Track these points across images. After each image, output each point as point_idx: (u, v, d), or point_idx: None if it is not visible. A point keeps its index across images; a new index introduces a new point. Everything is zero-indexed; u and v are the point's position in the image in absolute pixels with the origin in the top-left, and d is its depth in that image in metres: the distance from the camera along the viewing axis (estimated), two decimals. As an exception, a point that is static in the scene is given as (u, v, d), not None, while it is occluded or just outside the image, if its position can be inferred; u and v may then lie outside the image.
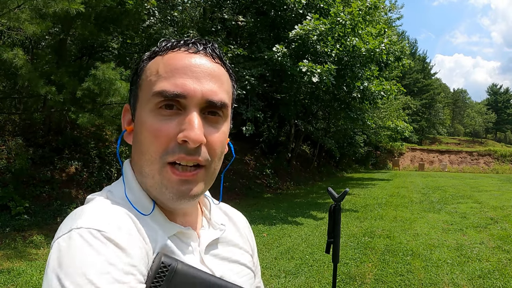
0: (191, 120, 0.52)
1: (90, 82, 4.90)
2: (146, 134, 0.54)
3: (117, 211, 0.52)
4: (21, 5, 3.93)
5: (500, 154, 30.05)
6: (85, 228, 0.46)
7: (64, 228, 0.48)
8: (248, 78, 9.23)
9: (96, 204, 0.53)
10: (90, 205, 0.53)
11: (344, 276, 4.10)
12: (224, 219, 0.72)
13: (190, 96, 0.52)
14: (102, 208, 0.51)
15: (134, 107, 0.58)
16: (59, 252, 0.45)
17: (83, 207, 0.52)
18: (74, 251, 0.44)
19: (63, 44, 7.03)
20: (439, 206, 9.13)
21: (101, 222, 0.48)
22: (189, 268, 0.52)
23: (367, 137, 22.48)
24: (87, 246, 0.44)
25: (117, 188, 0.58)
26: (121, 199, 0.55)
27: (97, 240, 0.45)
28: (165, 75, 0.53)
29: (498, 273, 4.21)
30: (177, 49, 0.56)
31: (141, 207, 0.55)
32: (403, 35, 38.57)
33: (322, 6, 10.68)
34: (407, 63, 13.44)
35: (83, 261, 0.43)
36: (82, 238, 0.45)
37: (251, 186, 11.68)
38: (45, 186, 6.83)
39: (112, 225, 0.48)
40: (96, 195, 0.57)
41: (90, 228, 0.46)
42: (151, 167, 0.54)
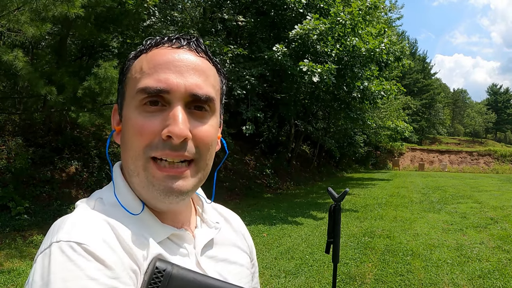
0: (175, 115, 0.51)
1: (91, 81, 4.90)
2: (131, 130, 0.53)
3: (99, 221, 0.50)
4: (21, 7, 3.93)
5: (500, 154, 30.06)
6: (64, 241, 0.45)
7: (45, 242, 0.47)
8: (248, 78, 9.23)
9: (78, 213, 0.51)
10: (72, 215, 0.51)
11: (344, 276, 4.10)
12: (219, 218, 0.70)
13: (174, 90, 0.51)
14: (84, 218, 0.50)
15: (121, 106, 0.57)
16: (41, 269, 0.44)
17: (64, 217, 0.51)
18: (55, 267, 0.43)
19: (63, 44, 7.03)
20: (439, 206, 9.13)
21: (81, 234, 0.46)
22: (186, 271, 0.49)
23: (367, 137, 22.49)
24: (67, 261, 0.43)
25: (106, 193, 0.57)
26: (110, 204, 0.54)
27: (77, 254, 0.44)
28: (149, 72, 0.53)
29: (498, 273, 4.21)
30: (161, 46, 0.55)
31: (131, 209, 0.54)
32: (403, 35, 38.60)
33: (322, 6, 10.69)
34: (407, 63, 13.45)
35: (64, 277, 0.42)
36: (62, 252, 0.44)
37: (251, 186, 11.68)
38: (45, 186, 6.84)
39: (93, 237, 0.47)
40: (83, 202, 0.55)
41: (69, 242, 0.45)
42: (136, 163, 0.53)
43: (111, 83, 4.96)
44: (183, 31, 9.74)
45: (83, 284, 0.42)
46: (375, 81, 11.45)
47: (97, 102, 5.35)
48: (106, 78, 4.88)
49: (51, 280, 0.42)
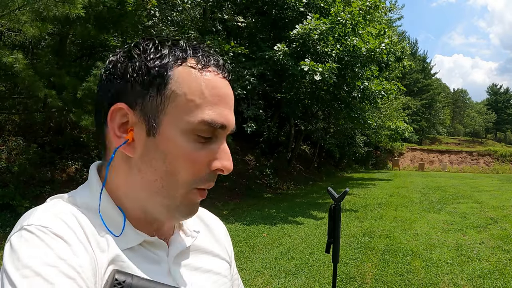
0: (227, 150, 0.54)
1: (91, 82, 4.90)
2: (181, 158, 0.51)
3: (69, 214, 0.50)
4: (22, 7, 3.94)
5: (500, 154, 30.07)
6: (34, 225, 0.46)
7: (15, 227, 0.49)
8: (249, 78, 9.24)
9: (49, 204, 0.52)
10: (43, 205, 0.52)
11: (344, 276, 4.10)
12: (199, 225, 0.67)
13: (229, 127, 0.53)
14: (54, 209, 0.51)
15: (153, 117, 0.51)
16: (10, 249, 0.45)
17: (35, 208, 0.52)
18: (25, 246, 0.44)
19: (63, 45, 7.03)
20: (439, 206, 9.13)
21: (51, 220, 0.48)
22: (147, 282, 0.48)
23: (367, 137, 22.50)
24: (37, 240, 0.45)
25: (81, 194, 0.55)
26: (84, 206, 0.53)
27: (47, 236, 0.45)
28: (211, 101, 0.51)
29: (498, 273, 4.21)
30: (210, 68, 0.53)
31: (109, 219, 0.53)
32: (403, 35, 38.61)
33: (323, 5, 10.69)
34: (408, 64, 13.46)
35: (32, 254, 0.43)
36: (32, 233, 0.45)
37: (251, 186, 11.69)
38: (45, 186, 6.84)
39: (62, 225, 0.48)
40: (54, 198, 0.55)
41: (39, 225, 0.46)
42: (178, 190, 0.52)
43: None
44: (183, 31, 9.75)
45: (50, 261, 0.43)
46: (375, 81, 11.46)
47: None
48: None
49: (21, 257, 0.43)
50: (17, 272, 0.42)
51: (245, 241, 5.55)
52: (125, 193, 0.54)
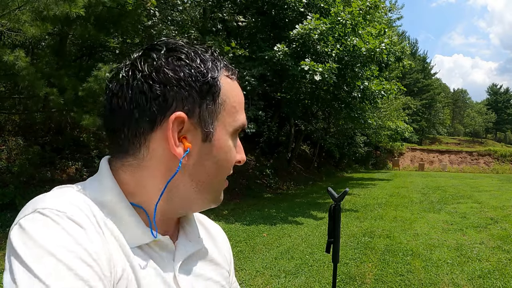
0: (241, 146, 0.60)
1: (92, 83, 4.91)
2: (228, 159, 0.57)
3: (82, 202, 0.49)
4: (22, 6, 3.94)
5: (500, 154, 30.08)
6: (50, 208, 0.45)
7: (25, 211, 0.46)
8: (249, 78, 9.24)
9: (59, 192, 0.51)
10: (52, 192, 0.50)
11: (344, 276, 4.10)
12: (202, 231, 0.67)
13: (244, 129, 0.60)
14: (67, 196, 0.49)
15: (210, 124, 0.53)
16: (21, 230, 0.43)
17: (44, 194, 0.50)
18: (41, 228, 0.43)
19: (63, 44, 7.03)
20: (439, 206, 9.13)
21: (67, 206, 0.46)
22: None
23: (367, 137, 22.50)
24: (53, 223, 0.43)
25: (91, 187, 0.54)
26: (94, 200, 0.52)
27: (64, 220, 0.44)
28: (241, 107, 0.58)
29: (498, 273, 4.21)
30: (234, 78, 0.58)
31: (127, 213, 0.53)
32: (403, 35, 38.61)
33: (323, 6, 10.69)
34: (408, 64, 13.46)
35: (48, 236, 0.42)
36: (47, 217, 0.44)
37: (251, 186, 11.68)
38: (45, 186, 6.83)
39: (78, 211, 0.46)
40: (64, 187, 0.54)
41: (55, 209, 0.45)
42: (221, 185, 0.59)
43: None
44: (183, 31, 9.75)
45: (68, 245, 0.42)
46: (375, 81, 11.46)
47: (97, 103, 5.35)
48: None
49: (35, 238, 0.42)
50: (29, 251, 0.41)
51: (245, 241, 5.55)
52: (152, 195, 0.54)
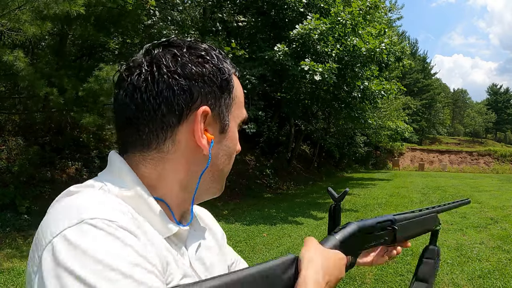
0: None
1: (93, 83, 4.91)
2: (235, 149, 0.61)
3: (120, 205, 0.48)
4: (22, 6, 3.94)
5: (500, 154, 30.07)
6: (100, 218, 0.42)
7: (65, 220, 0.42)
8: (249, 77, 9.24)
9: (89, 194, 0.49)
10: (83, 195, 0.48)
11: (344, 276, 4.10)
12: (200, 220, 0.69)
13: None
14: (103, 199, 0.47)
15: (226, 117, 0.57)
16: (72, 247, 0.39)
17: (72, 198, 0.47)
18: (97, 243, 0.40)
19: (63, 45, 7.03)
20: (439, 206, 9.14)
21: (113, 214, 0.44)
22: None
23: (367, 137, 22.50)
24: (109, 237, 0.41)
25: (113, 182, 0.53)
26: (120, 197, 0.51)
27: (118, 231, 0.42)
28: (243, 102, 0.62)
29: (498, 273, 4.21)
30: (237, 74, 0.63)
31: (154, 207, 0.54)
32: (403, 35, 38.61)
33: (323, 6, 10.69)
34: (408, 63, 13.46)
35: (108, 253, 0.39)
36: (101, 229, 0.41)
37: (251, 186, 11.69)
38: (45, 186, 6.84)
39: (125, 218, 0.45)
40: (84, 186, 0.52)
41: (105, 219, 0.42)
42: (227, 174, 0.62)
43: (111, 85, 4.97)
44: (183, 31, 9.75)
45: (132, 259, 0.41)
46: (375, 81, 11.46)
47: (97, 103, 5.36)
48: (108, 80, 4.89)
49: (91, 253, 0.39)
50: (87, 270, 0.38)
51: (245, 241, 5.55)
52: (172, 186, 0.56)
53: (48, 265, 0.39)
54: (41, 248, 0.42)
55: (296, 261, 0.56)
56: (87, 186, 0.52)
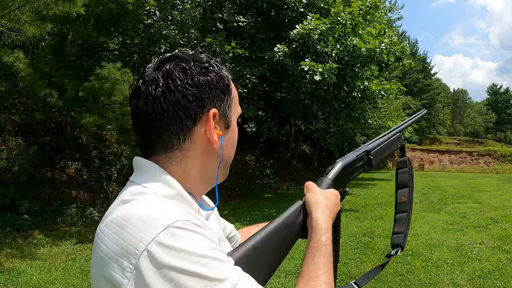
0: None
1: (94, 82, 4.90)
2: (235, 140, 0.72)
3: (179, 206, 0.59)
4: (22, 6, 3.93)
5: (500, 154, 30.06)
6: (179, 221, 0.52)
7: (150, 230, 0.50)
8: (249, 77, 9.23)
9: (154, 201, 0.57)
10: (150, 203, 0.56)
11: (344, 276, 4.11)
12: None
13: None
14: (167, 204, 0.57)
15: (229, 114, 0.69)
16: (171, 249, 0.49)
17: (143, 207, 0.55)
18: (186, 241, 0.50)
19: (63, 45, 7.03)
20: (439, 206, 9.13)
21: (184, 214, 0.55)
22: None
23: (367, 137, 22.48)
24: (192, 233, 0.52)
25: (156, 187, 0.61)
26: (169, 198, 0.60)
27: (194, 227, 0.53)
28: (237, 100, 0.73)
29: (498, 273, 4.21)
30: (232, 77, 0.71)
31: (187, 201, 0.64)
32: (403, 35, 38.60)
33: (323, 6, 10.69)
34: (408, 63, 13.45)
35: (199, 244, 0.51)
36: (183, 229, 0.51)
37: (251, 186, 11.69)
38: (45, 186, 6.84)
39: (191, 216, 0.56)
40: (140, 194, 0.59)
41: (183, 220, 0.52)
42: (231, 160, 0.73)
43: (112, 84, 4.97)
44: (183, 31, 9.75)
45: (211, 245, 0.52)
46: (375, 81, 11.45)
47: (97, 103, 5.35)
48: (109, 79, 4.88)
49: (186, 249, 0.49)
50: (189, 263, 0.49)
51: (245, 241, 5.54)
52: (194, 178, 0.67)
53: (150, 269, 0.48)
54: (133, 257, 0.49)
55: (303, 205, 0.73)
56: (138, 193, 0.59)
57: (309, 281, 0.61)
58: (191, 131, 0.63)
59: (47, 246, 5.19)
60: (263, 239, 0.65)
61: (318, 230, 0.68)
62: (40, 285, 3.86)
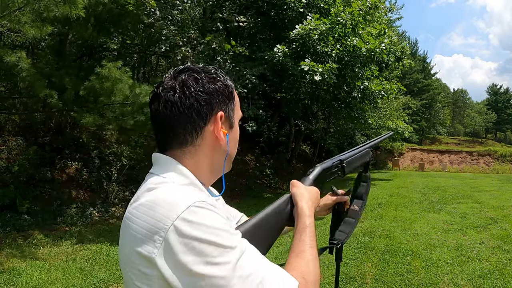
0: None
1: (94, 81, 4.90)
2: (237, 139, 0.85)
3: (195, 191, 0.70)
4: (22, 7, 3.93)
5: (500, 154, 30.04)
6: (198, 201, 0.64)
7: (175, 209, 0.62)
8: (249, 77, 9.23)
9: (175, 188, 0.69)
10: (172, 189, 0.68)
11: (344, 276, 4.11)
12: None
13: None
14: (185, 189, 0.69)
15: (233, 116, 0.82)
16: (193, 224, 0.60)
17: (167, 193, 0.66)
18: (205, 217, 0.62)
19: (63, 45, 7.03)
20: (439, 206, 9.13)
21: (200, 196, 0.66)
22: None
23: (367, 137, 22.48)
24: (209, 211, 0.63)
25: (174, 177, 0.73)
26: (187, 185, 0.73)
27: (211, 206, 0.65)
28: (239, 105, 0.85)
29: (498, 273, 4.21)
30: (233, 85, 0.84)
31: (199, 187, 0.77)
32: (403, 35, 38.60)
33: (323, 6, 10.69)
34: (407, 63, 13.46)
35: (213, 221, 0.62)
36: (202, 208, 0.63)
37: (251, 186, 11.69)
38: (45, 186, 6.84)
39: (206, 197, 0.69)
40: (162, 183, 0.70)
41: (201, 201, 0.64)
42: (234, 155, 0.85)
43: (112, 83, 4.96)
44: (183, 31, 9.75)
45: (225, 221, 0.65)
46: (375, 81, 11.45)
47: (97, 102, 5.35)
48: (109, 78, 4.88)
49: (206, 223, 0.61)
50: (208, 234, 0.60)
51: (245, 241, 5.54)
52: (204, 169, 0.79)
53: (176, 239, 0.60)
54: (162, 231, 0.61)
55: (290, 198, 0.87)
56: (160, 182, 0.71)
57: (298, 255, 0.74)
58: (202, 130, 0.76)
59: (47, 246, 5.19)
60: (262, 219, 0.81)
61: (303, 216, 0.82)
62: (40, 285, 3.86)
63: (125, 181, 7.93)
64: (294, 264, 0.72)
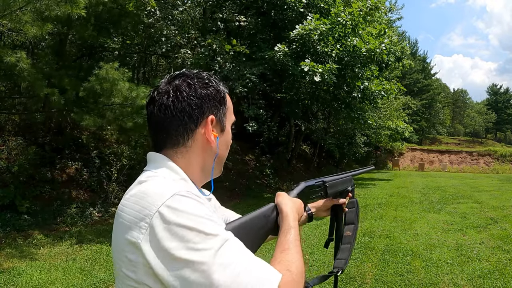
0: None
1: (94, 82, 4.90)
2: (229, 141, 0.89)
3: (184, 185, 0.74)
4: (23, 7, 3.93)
5: (500, 154, 30.04)
6: (183, 191, 0.67)
7: (162, 197, 0.65)
8: (249, 76, 9.23)
9: (165, 180, 0.72)
10: (158, 180, 0.72)
11: (344, 276, 4.11)
12: None
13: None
14: (173, 182, 0.73)
15: (224, 120, 0.85)
16: (176, 211, 0.63)
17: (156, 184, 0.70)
18: (189, 205, 0.65)
19: (63, 45, 7.03)
20: (439, 206, 9.13)
21: (186, 187, 0.71)
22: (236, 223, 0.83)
23: (367, 137, 22.48)
24: (192, 200, 0.66)
25: (164, 173, 0.76)
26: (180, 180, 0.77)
27: (196, 196, 0.68)
28: (232, 109, 0.89)
29: (498, 273, 4.21)
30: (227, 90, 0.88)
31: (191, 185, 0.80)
32: (403, 35, 38.58)
33: (323, 6, 10.69)
34: (407, 63, 13.46)
35: (196, 209, 0.65)
36: (186, 197, 0.66)
37: (251, 186, 11.68)
38: (45, 186, 6.83)
39: (192, 189, 0.75)
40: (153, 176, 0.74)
41: (186, 191, 0.68)
42: (225, 158, 0.89)
43: (111, 84, 4.96)
44: (183, 31, 9.75)
45: (208, 212, 0.67)
46: (375, 81, 11.45)
47: (97, 103, 5.34)
48: (108, 79, 4.88)
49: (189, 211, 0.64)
50: (190, 221, 0.63)
51: (245, 241, 5.54)
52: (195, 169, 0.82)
53: (160, 225, 0.63)
54: (148, 218, 0.64)
55: (275, 206, 0.91)
56: (151, 176, 0.75)
57: (283, 251, 0.78)
58: (194, 132, 0.80)
59: (47, 246, 5.19)
60: (248, 220, 0.85)
61: (288, 219, 0.86)
62: (40, 285, 3.86)
63: (125, 181, 7.92)
64: (279, 258, 0.76)
